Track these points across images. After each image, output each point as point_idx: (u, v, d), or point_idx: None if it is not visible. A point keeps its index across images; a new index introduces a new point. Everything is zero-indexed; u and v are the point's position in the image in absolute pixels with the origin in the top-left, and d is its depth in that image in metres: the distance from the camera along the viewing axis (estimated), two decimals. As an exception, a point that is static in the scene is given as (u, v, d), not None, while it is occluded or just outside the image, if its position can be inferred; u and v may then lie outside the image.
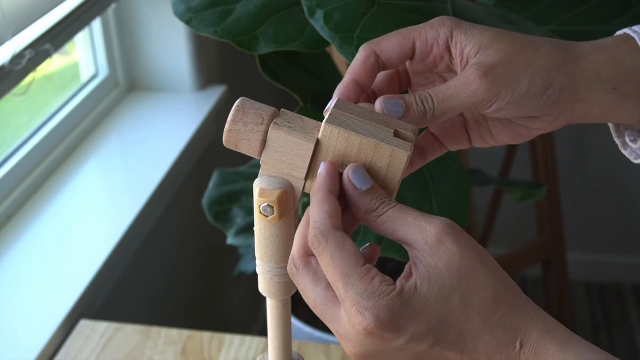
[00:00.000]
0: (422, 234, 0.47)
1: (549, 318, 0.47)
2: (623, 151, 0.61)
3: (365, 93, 0.56)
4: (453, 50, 0.55)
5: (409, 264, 0.48)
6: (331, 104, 0.52)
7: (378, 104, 0.52)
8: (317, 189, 0.49)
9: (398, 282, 0.46)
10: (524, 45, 0.54)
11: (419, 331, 0.46)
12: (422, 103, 0.52)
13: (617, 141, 0.61)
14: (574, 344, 0.46)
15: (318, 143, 0.50)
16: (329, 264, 0.47)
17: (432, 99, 0.53)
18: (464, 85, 0.52)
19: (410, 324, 0.46)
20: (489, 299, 0.46)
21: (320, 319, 0.49)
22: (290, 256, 0.50)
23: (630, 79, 0.55)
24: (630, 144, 0.60)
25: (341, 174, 0.50)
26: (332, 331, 0.49)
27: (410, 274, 0.47)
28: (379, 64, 0.55)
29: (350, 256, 0.47)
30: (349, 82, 0.54)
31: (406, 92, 0.60)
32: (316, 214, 0.49)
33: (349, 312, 0.46)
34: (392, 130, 0.50)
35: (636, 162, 0.61)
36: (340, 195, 0.50)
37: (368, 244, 0.52)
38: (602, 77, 0.54)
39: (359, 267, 0.46)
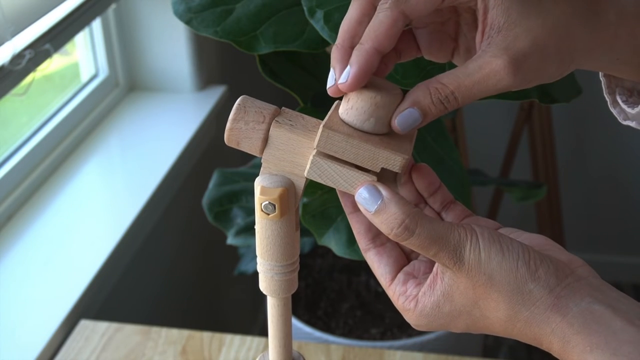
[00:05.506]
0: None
1: (574, 323, 0.45)
2: (612, 109, 0.59)
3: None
4: (479, 3, 0.49)
5: (434, 272, 0.50)
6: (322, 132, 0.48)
7: (393, 125, 0.49)
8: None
9: (420, 297, 0.50)
10: (554, 23, 0.49)
11: (454, 316, 0.50)
12: (441, 103, 0.48)
13: (607, 98, 0.59)
14: (596, 351, 0.44)
15: None
16: None
17: (454, 97, 0.48)
18: (490, 76, 0.48)
19: (443, 321, 0.50)
20: (503, 318, 0.48)
21: None
22: None
23: (636, 52, 0.52)
24: (621, 103, 0.58)
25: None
26: None
27: (435, 283, 0.49)
28: (404, 26, 0.49)
29: (380, 277, 0.52)
30: (371, 52, 0.48)
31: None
32: None
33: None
34: (378, 171, 0.49)
35: (624, 123, 0.59)
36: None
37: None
38: (611, 50, 0.52)
39: (388, 289, 0.52)
